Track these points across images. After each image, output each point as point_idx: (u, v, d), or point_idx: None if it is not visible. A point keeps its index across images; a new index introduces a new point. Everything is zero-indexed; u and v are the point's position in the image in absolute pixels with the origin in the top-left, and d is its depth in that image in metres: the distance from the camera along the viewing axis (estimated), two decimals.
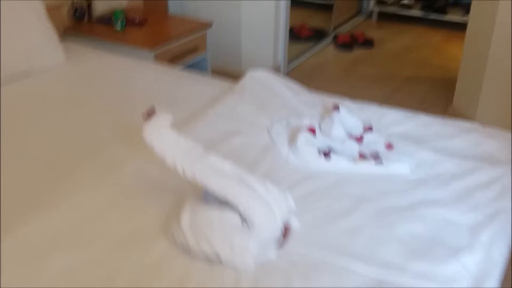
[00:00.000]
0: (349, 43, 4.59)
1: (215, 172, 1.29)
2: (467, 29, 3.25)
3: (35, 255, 1.27)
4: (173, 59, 2.90)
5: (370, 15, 5.38)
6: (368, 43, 4.64)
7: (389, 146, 1.76)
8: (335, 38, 4.69)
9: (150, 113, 1.31)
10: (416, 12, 5.17)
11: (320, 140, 1.74)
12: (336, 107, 1.89)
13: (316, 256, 1.30)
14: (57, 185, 1.53)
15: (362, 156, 1.70)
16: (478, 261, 1.30)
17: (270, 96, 2.09)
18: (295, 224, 1.38)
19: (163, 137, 1.30)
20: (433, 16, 5.06)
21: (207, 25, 3.16)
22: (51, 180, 1.56)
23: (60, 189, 1.50)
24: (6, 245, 1.28)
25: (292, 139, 1.75)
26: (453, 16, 4.96)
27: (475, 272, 1.27)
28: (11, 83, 2.15)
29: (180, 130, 1.67)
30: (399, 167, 1.65)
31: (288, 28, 3.87)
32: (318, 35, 4.70)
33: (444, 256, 1.30)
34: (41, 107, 2.04)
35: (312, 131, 1.76)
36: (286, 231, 1.34)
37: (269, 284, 1.22)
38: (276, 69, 3.73)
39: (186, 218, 1.28)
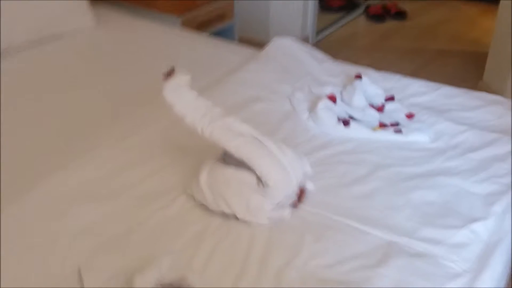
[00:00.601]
0: (380, 15, 4.53)
1: (232, 133, 1.33)
2: (500, 2, 3.17)
3: (60, 208, 1.34)
4: (200, 26, 2.92)
5: None
6: (401, 15, 4.56)
7: (410, 116, 1.77)
8: (367, 9, 4.63)
9: (169, 73, 1.34)
10: None
11: (340, 108, 1.76)
12: (359, 76, 1.90)
13: (329, 218, 1.35)
14: (83, 143, 1.60)
15: (381, 125, 1.71)
16: (490, 229, 1.32)
17: (294, 64, 2.10)
18: (310, 187, 1.42)
19: (182, 96, 1.34)
20: None
21: None
22: (78, 138, 1.63)
23: (86, 147, 1.57)
24: (32, 198, 1.36)
25: (312, 106, 1.77)
26: None
27: (486, 239, 1.29)
28: (41, 46, 2.22)
29: (202, 95, 1.72)
30: (418, 136, 1.66)
31: None
32: (349, 5, 4.64)
33: (456, 224, 1.32)
34: (69, 69, 2.10)
35: (333, 98, 1.77)
36: (301, 193, 1.38)
37: (282, 241, 1.27)
38: (304, 40, 3.71)
39: (204, 177, 1.33)
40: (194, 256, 1.22)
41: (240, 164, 1.34)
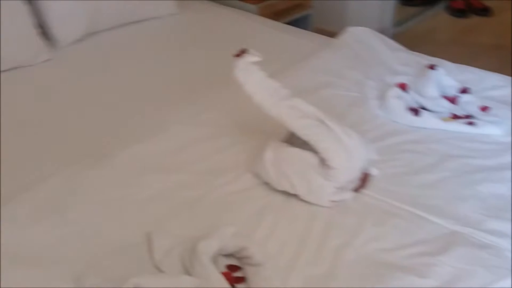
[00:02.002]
0: (463, 10, 4.37)
1: (299, 113, 1.35)
2: None
3: (133, 177, 1.43)
4: (276, 15, 2.95)
5: None
6: (485, 10, 4.38)
7: (484, 109, 1.72)
8: (449, 3, 4.48)
9: (240, 53, 1.38)
10: None
11: (411, 97, 1.74)
12: (432, 67, 1.86)
13: (392, 204, 1.35)
14: (158, 119, 1.68)
15: (453, 116, 1.68)
16: None
17: (367, 52, 2.09)
18: (374, 172, 1.42)
19: (252, 76, 1.38)
20: None
21: None
22: (153, 115, 1.72)
23: (160, 123, 1.65)
24: (107, 167, 1.45)
25: (382, 94, 1.76)
26: None
27: None
28: (126, 29, 2.34)
29: (273, 78, 1.76)
30: (490, 129, 1.62)
31: None
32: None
33: None
34: (150, 51, 2.21)
35: (404, 87, 1.76)
36: (364, 178, 1.39)
37: (342, 222, 1.29)
38: (382, 32, 3.65)
39: (269, 155, 1.37)
40: (255, 230, 1.26)
41: (305, 145, 1.37)
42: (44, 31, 2.19)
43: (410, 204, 1.34)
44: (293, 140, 1.41)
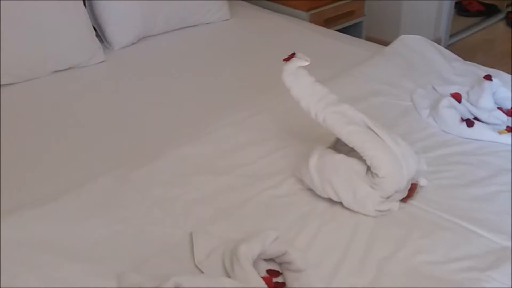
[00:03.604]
0: None
1: (346, 120, 1.33)
2: None
3: (180, 178, 1.44)
4: (328, 22, 2.94)
5: None
6: None
7: None
8: (509, 15, 4.33)
9: (289, 57, 1.37)
10: None
11: (465, 108, 1.68)
12: (488, 77, 1.80)
13: (440, 216, 1.30)
14: (208, 121, 1.70)
15: (509, 129, 1.61)
16: None
17: (420, 61, 2.05)
18: (423, 183, 1.38)
19: (299, 80, 1.37)
20: None
21: None
22: (203, 118, 1.74)
23: (209, 125, 1.67)
24: (156, 167, 1.47)
25: (434, 104, 1.72)
26: None
27: None
28: (179, 34, 2.39)
29: (323, 84, 1.74)
30: None
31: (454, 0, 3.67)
32: (489, 10, 4.37)
33: None
34: (202, 55, 2.24)
35: (457, 97, 1.70)
36: (412, 188, 1.35)
37: (388, 233, 1.25)
38: (436, 42, 3.57)
39: (314, 161, 1.35)
40: (298, 236, 1.24)
41: (351, 152, 1.34)
42: (99, 33, 2.26)
43: (460, 217, 1.29)
44: (340, 146, 1.39)
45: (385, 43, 2.25)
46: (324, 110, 1.35)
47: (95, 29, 2.23)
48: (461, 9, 4.23)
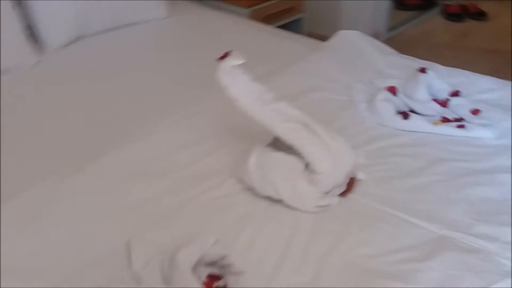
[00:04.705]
0: (459, 14, 4.35)
1: (283, 117, 1.32)
2: None
3: (116, 183, 1.39)
4: (269, 18, 2.94)
5: None
6: (480, 15, 4.36)
7: (475, 112, 1.69)
8: (445, 7, 4.46)
9: (224, 56, 1.35)
10: None
11: (401, 100, 1.71)
12: (423, 70, 1.84)
13: (379, 209, 1.31)
14: (146, 122, 1.65)
15: (444, 120, 1.65)
16: None
17: (357, 55, 2.07)
18: (361, 176, 1.39)
19: (235, 79, 1.35)
20: None
21: None
22: (139, 120, 1.69)
23: (148, 126, 1.62)
24: (90, 173, 1.42)
25: (371, 97, 1.74)
26: None
27: None
28: (115, 33, 2.32)
29: (261, 82, 1.73)
30: (480, 132, 1.59)
31: None
32: (426, 3, 4.49)
33: (510, 222, 1.25)
34: (139, 54, 2.19)
35: (393, 90, 1.73)
36: (351, 182, 1.35)
37: (327, 228, 1.25)
38: (375, 36, 3.63)
39: (253, 160, 1.34)
40: (238, 237, 1.22)
41: (290, 150, 1.34)
42: (32, 34, 2.17)
43: (398, 208, 1.31)
44: (278, 144, 1.37)
45: (326, 39, 2.26)
46: (261, 109, 1.34)
47: (29, 30, 2.14)
48: (399, 3, 4.32)
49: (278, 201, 1.31)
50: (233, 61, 1.32)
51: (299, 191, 1.28)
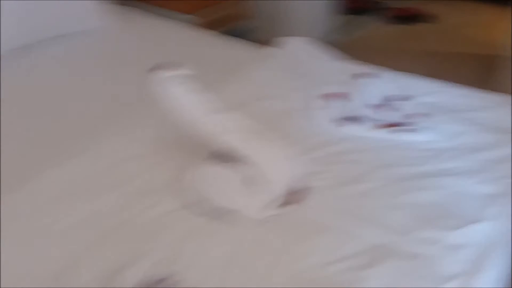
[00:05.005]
0: (405, 17, 4.44)
1: (223, 128, 1.30)
2: None
3: (53, 203, 1.34)
4: (217, 25, 2.91)
5: None
6: (426, 18, 4.47)
7: (418, 115, 1.71)
8: (390, 11, 4.55)
9: (160, 67, 1.32)
10: None
11: (345, 107, 1.72)
12: (368, 75, 1.85)
13: (322, 218, 1.30)
14: (82, 139, 1.60)
15: (387, 124, 1.66)
16: (487, 232, 1.26)
17: (303, 63, 2.07)
18: (304, 186, 1.38)
19: (174, 90, 1.31)
20: None
21: None
22: (76, 134, 1.64)
23: (86, 142, 1.56)
24: (25, 194, 1.36)
25: (314, 105, 1.73)
26: None
27: (483, 241, 1.24)
28: (54, 44, 2.24)
29: (206, 91, 1.70)
30: (423, 135, 1.61)
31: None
32: (374, 7, 4.57)
33: (453, 225, 1.27)
34: (79, 67, 2.11)
35: (337, 97, 1.73)
36: (293, 192, 1.34)
37: (270, 241, 1.23)
38: (325, 42, 3.66)
39: (191, 175, 1.31)
40: (180, 255, 1.19)
41: (229, 161, 1.31)
42: None
43: (340, 216, 1.30)
44: (218, 157, 1.34)
45: (274, 45, 2.25)
46: (201, 120, 1.32)
47: None
48: (345, 8, 4.37)
49: (219, 216, 1.28)
50: (170, 72, 1.29)
51: (239, 204, 1.26)
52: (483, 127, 1.68)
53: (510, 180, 1.43)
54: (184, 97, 1.32)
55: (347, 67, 2.05)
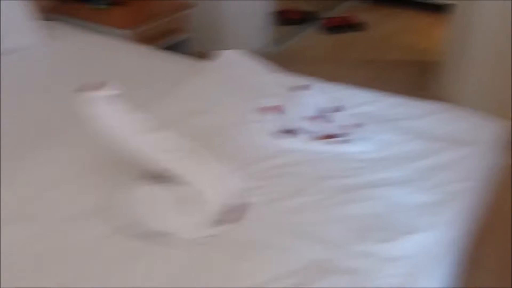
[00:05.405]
0: (338, 26, 4.55)
1: (161, 147, 1.28)
2: (450, 13, 3.22)
3: None
4: (154, 39, 2.87)
5: None
6: (358, 26, 4.59)
7: (356, 126, 1.75)
8: (325, 21, 4.65)
9: (87, 87, 1.28)
10: None
11: (283, 119, 1.73)
12: (305, 87, 1.88)
13: (258, 236, 1.29)
14: (11, 161, 1.52)
15: (325, 136, 1.68)
16: (428, 242, 1.29)
17: (240, 76, 2.06)
18: (242, 203, 1.36)
19: (107, 109, 1.27)
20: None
21: (190, 6, 3.13)
22: (6, 157, 1.56)
23: (13, 165, 1.50)
24: None
25: (253, 118, 1.74)
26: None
27: (423, 252, 1.26)
28: None
29: (143, 108, 1.66)
30: (361, 146, 1.64)
31: (275, 10, 3.83)
32: (307, 18, 4.65)
33: (388, 237, 1.28)
34: (7, 87, 2.02)
35: (275, 110, 1.74)
36: (230, 211, 1.32)
37: (209, 262, 1.21)
38: (261, 53, 3.67)
39: (122, 197, 1.27)
40: (109, 283, 1.15)
41: (162, 181, 1.28)
42: None
43: (278, 233, 1.30)
44: (151, 177, 1.31)
45: (210, 59, 2.24)
46: (137, 140, 1.28)
47: None
48: (282, 19, 4.43)
49: (153, 240, 1.24)
50: (97, 92, 1.25)
51: (176, 225, 1.23)
52: (418, 135, 1.73)
53: (446, 189, 1.48)
54: (113, 117, 1.28)
55: (283, 80, 2.07)
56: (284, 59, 3.82)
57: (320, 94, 1.89)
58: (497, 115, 2.27)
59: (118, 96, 1.34)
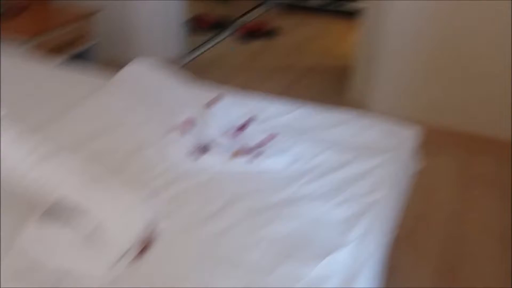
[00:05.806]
0: (251, 34, 4.51)
1: (59, 177, 1.14)
2: (360, 18, 3.28)
3: None
4: (58, 49, 2.69)
5: (274, 5, 5.33)
6: (271, 33, 4.58)
7: (270, 138, 1.68)
8: (237, 28, 4.60)
9: None
10: (314, 3, 5.18)
11: (195, 136, 1.63)
12: (218, 100, 1.80)
13: (178, 265, 1.19)
14: None
15: (239, 151, 1.61)
16: (350, 257, 1.24)
17: (148, 90, 1.93)
18: (156, 232, 1.25)
19: None
20: (333, 6, 5.08)
21: (92, 14, 2.97)
22: None
23: None
24: None
25: (163, 136, 1.63)
26: (357, 5, 5.01)
27: (348, 267, 1.22)
28: None
29: (42, 130, 1.51)
30: (275, 161, 1.58)
31: (186, 18, 3.73)
32: (219, 25, 4.58)
33: (313, 256, 1.23)
34: None
35: (186, 125, 1.65)
36: (143, 242, 1.20)
37: None
38: (173, 61, 3.56)
39: (22, 238, 1.14)
40: None
41: (66, 217, 1.15)
42: None
43: (198, 261, 1.20)
44: (52, 213, 1.16)
45: (119, 69, 2.08)
46: (32, 169, 1.14)
47: None
48: (194, 26, 4.33)
49: (57, 283, 1.10)
50: None
51: (86, 264, 1.11)
52: (332, 145, 1.69)
53: (362, 200, 1.44)
54: (14, 141, 1.13)
55: (197, 92, 1.96)
56: (197, 67, 3.73)
57: (233, 106, 1.82)
58: (409, 117, 2.32)
59: (6, 117, 1.19)
